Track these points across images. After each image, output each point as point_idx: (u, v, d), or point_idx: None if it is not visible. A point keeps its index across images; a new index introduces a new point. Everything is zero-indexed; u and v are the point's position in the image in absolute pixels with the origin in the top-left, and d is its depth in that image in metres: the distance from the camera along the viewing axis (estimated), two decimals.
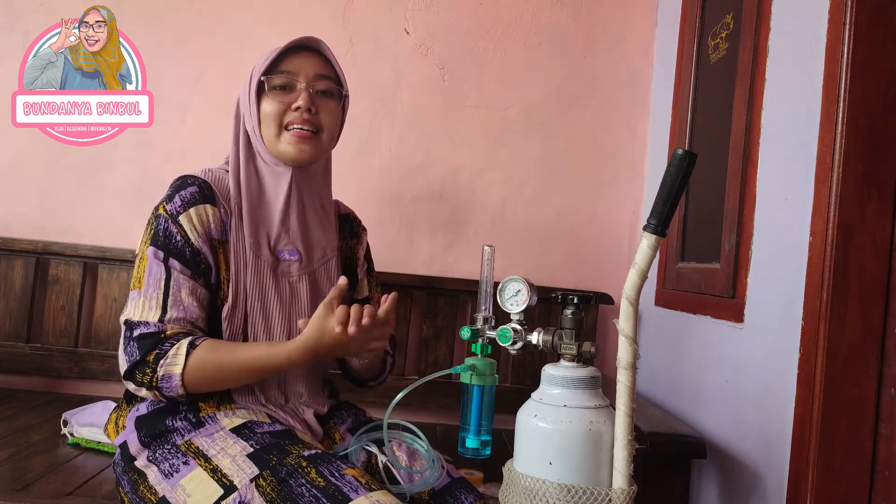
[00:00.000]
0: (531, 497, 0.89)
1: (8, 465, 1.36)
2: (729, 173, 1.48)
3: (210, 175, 1.16)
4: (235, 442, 1.02)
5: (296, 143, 1.14)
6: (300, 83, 1.15)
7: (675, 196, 0.87)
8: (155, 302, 1.06)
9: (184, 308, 1.07)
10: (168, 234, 1.09)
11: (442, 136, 2.05)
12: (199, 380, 1.04)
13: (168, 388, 1.03)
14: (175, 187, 1.13)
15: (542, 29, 2.07)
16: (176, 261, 1.08)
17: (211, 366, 1.03)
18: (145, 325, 1.05)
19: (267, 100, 1.15)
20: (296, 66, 1.16)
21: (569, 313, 0.97)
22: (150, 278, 1.07)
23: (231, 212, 1.14)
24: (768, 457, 1.25)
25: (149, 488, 1.02)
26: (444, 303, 2.00)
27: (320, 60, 1.19)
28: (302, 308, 1.18)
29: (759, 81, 1.38)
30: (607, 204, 2.08)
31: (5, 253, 1.92)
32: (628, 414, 0.87)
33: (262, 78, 1.14)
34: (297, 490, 0.93)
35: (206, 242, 1.11)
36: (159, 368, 1.02)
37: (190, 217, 1.09)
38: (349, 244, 1.34)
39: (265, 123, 1.15)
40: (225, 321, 1.11)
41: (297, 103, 1.14)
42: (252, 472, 0.96)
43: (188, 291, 1.07)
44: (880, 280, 1.10)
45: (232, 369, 1.05)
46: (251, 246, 1.14)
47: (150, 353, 1.03)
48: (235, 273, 1.12)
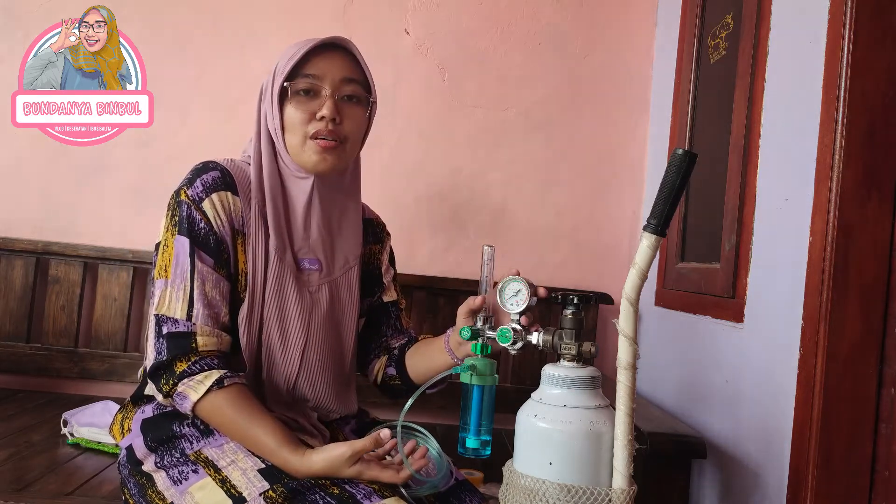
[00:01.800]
0: (531, 497, 0.89)
1: (8, 465, 1.36)
2: (729, 173, 1.48)
3: (232, 165, 1.11)
4: (246, 456, 1.00)
5: (319, 153, 1.08)
6: (325, 89, 1.08)
7: (675, 196, 0.87)
8: (182, 294, 1.03)
9: (209, 303, 1.03)
10: (192, 221, 1.05)
11: (442, 136, 2.05)
12: (208, 418, 1.02)
13: (180, 405, 1.02)
14: (196, 171, 1.09)
15: (542, 29, 2.07)
16: (201, 250, 1.04)
17: (221, 417, 1.00)
18: (174, 323, 1.02)
19: (290, 106, 1.09)
20: (321, 69, 1.09)
21: (569, 313, 0.97)
22: (177, 269, 1.04)
23: (251, 205, 1.10)
24: (768, 457, 1.25)
25: (157, 493, 1.01)
26: (444, 303, 2.00)
27: (348, 61, 1.12)
28: (320, 319, 1.14)
29: (759, 81, 1.38)
30: (607, 204, 2.08)
31: (5, 253, 1.92)
32: (628, 414, 0.87)
33: (284, 84, 1.08)
34: (311, 498, 0.92)
35: (228, 231, 1.07)
36: (180, 385, 1.00)
37: (213, 203, 1.06)
38: (372, 249, 1.29)
39: (289, 131, 1.10)
40: (243, 324, 1.07)
41: (322, 112, 1.07)
42: (262, 487, 0.94)
43: (213, 284, 1.04)
44: (880, 280, 1.10)
45: (237, 434, 1.01)
46: (276, 248, 1.09)
47: (180, 363, 1.00)
48: (253, 272, 1.08)
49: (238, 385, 1.01)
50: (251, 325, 1.08)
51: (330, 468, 0.93)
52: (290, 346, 1.11)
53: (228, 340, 1.06)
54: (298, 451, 0.96)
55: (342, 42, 1.12)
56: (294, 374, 1.11)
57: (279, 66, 1.11)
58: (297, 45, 1.10)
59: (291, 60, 1.08)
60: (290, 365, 1.11)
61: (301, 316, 1.11)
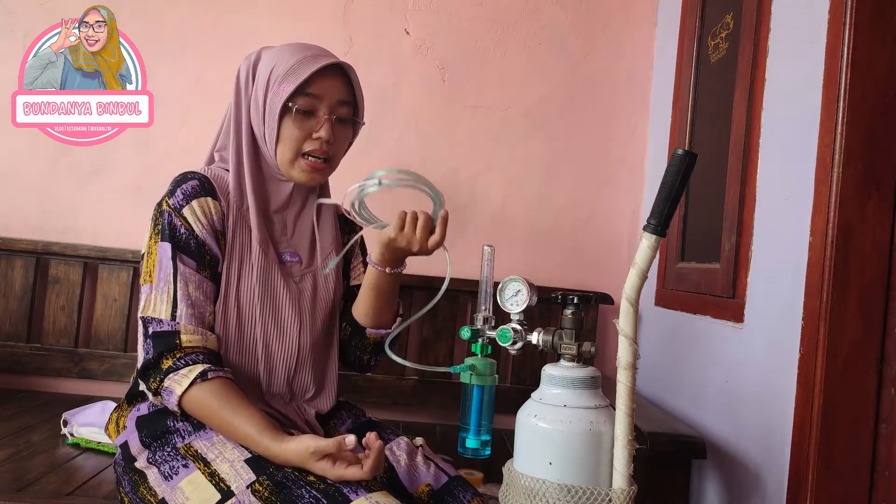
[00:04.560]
0: (531, 497, 0.89)
1: (8, 465, 1.36)
2: (729, 173, 1.48)
3: (209, 172, 1.17)
4: (234, 447, 1.02)
5: (308, 172, 1.16)
6: (322, 110, 1.14)
7: (675, 196, 0.87)
8: (166, 296, 1.07)
9: (192, 303, 1.07)
10: (173, 228, 1.09)
11: (442, 136, 2.05)
12: (194, 411, 1.04)
13: (167, 401, 1.05)
14: (176, 182, 1.13)
15: (542, 29, 2.06)
16: (182, 254, 1.09)
17: (206, 409, 1.02)
18: (158, 323, 1.06)
19: (288, 121, 1.13)
20: (320, 90, 1.13)
21: (569, 313, 0.97)
22: (161, 273, 1.08)
23: (231, 208, 1.15)
24: (768, 457, 1.25)
25: (149, 489, 1.02)
26: (444, 303, 1.99)
27: (344, 84, 1.17)
28: (308, 305, 1.19)
29: (759, 81, 1.38)
30: (607, 204, 2.08)
31: (5, 253, 1.92)
32: (628, 414, 0.87)
33: (289, 103, 1.12)
34: (297, 492, 0.93)
35: (210, 233, 1.11)
36: (166, 380, 1.03)
37: (193, 209, 1.10)
38: (349, 239, 1.34)
39: (283, 144, 1.14)
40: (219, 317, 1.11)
41: (319, 134, 1.13)
42: (249, 478, 0.96)
43: (195, 285, 1.08)
44: (880, 280, 1.10)
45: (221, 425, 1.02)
46: (260, 242, 1.14)
47: (165, 360, 1.03)
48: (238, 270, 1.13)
49: (222, 378, 1.04)
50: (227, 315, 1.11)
51: (299, 458, 0.95)
52: (286, 331, 1.15)
53: (214, 339, 1.09)
54: (278, 439, 0.98)
55: (344, 66, 1.17)
56: (294, 359, 1.16)
57: (277, 75, 1.13)
58: (297, 59, 1.13)
59: (296, 77, 1.11)
60: (289, 350, 1.16)
61: (292, 302, 1.17)
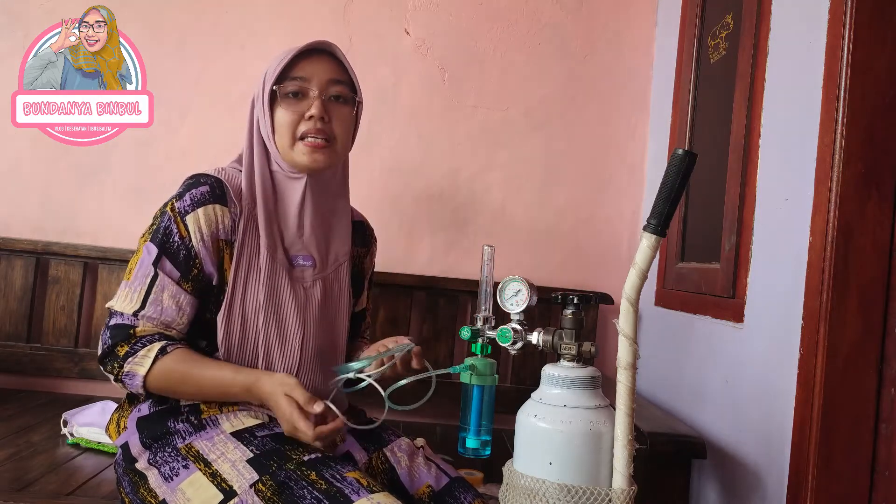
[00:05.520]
0: (531, 497, 0.89)
1: (8, 465, 1.36)
2: (729, 173, 1.48)
3: (223, 174, 1.14)
4: (236, 447, 1.01)
5: (309, 154, 1.13)
6: (313, 90, 1.13)
7: (675, 196, 0.87)
8: (137, 295, 1.07)
9: (161, 309, 1.07)
10: (168, 233, 1.09)
11: (442, 136, 2.05)
12: (163, 386, 1.05)
13: (130, 385, 1.06)
14: (187, 185, 1.12)
15: (542, 29, 2.07)
16: (168, 261, 1.08)
17: (176, 376, 1.04)
18: (120, 316, 1.07)
19: (279, 109, 1.13)
20: (308, 72, 1.13)
21: (569, 313, 0.97)
22: (139, 272, 1.08)
23: (242, 212, 1.13)
24: (768, 457, 1.25)
25: (149, 490, 1.02)
26: (444, 303, 2.00)
27: (333, 64, 1.16)
28: (315, 313, 1.17)
29: (759, 81, 1.38)
30: (607, 204, 2.08)
31: (5, 253, 1.92)
32: (628, 414, 0.87)
33: (273, 88, 1.12)
34: (299, 493, 0.93)
35: (209, 245, 1.09)
36: (126, 365, 1.04)
37: (197, 217, 1.09)
38: (360, 252, 1.34)
39: (279, 133, 1.14)
40: (221, 324, 1.09)
41: (310, 112, 1.12)
42: (252, 478, 0.96)
43: (170, 294, 1.08)
44: (880, 280, 1.10)
45: (195, 383, 1.04)
46: (267, 247, 1.13)
47: (121, 348, 1.05)
48: (245, 275, 1.11)
49: (182, 348, 1.06)
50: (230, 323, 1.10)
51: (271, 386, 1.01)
52: (288, 340, 1.14)
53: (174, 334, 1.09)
54: (253, 374, 1.04)
55: (327, 46, 1.17)
56: (294, 368, 1.14)
57: (268, 72, 1.15)
58: (284, 52, 1.15)
59: (279, 66, 1.13)
60: (291, 359, 1.14)
61: (297, 310, 1.15)
